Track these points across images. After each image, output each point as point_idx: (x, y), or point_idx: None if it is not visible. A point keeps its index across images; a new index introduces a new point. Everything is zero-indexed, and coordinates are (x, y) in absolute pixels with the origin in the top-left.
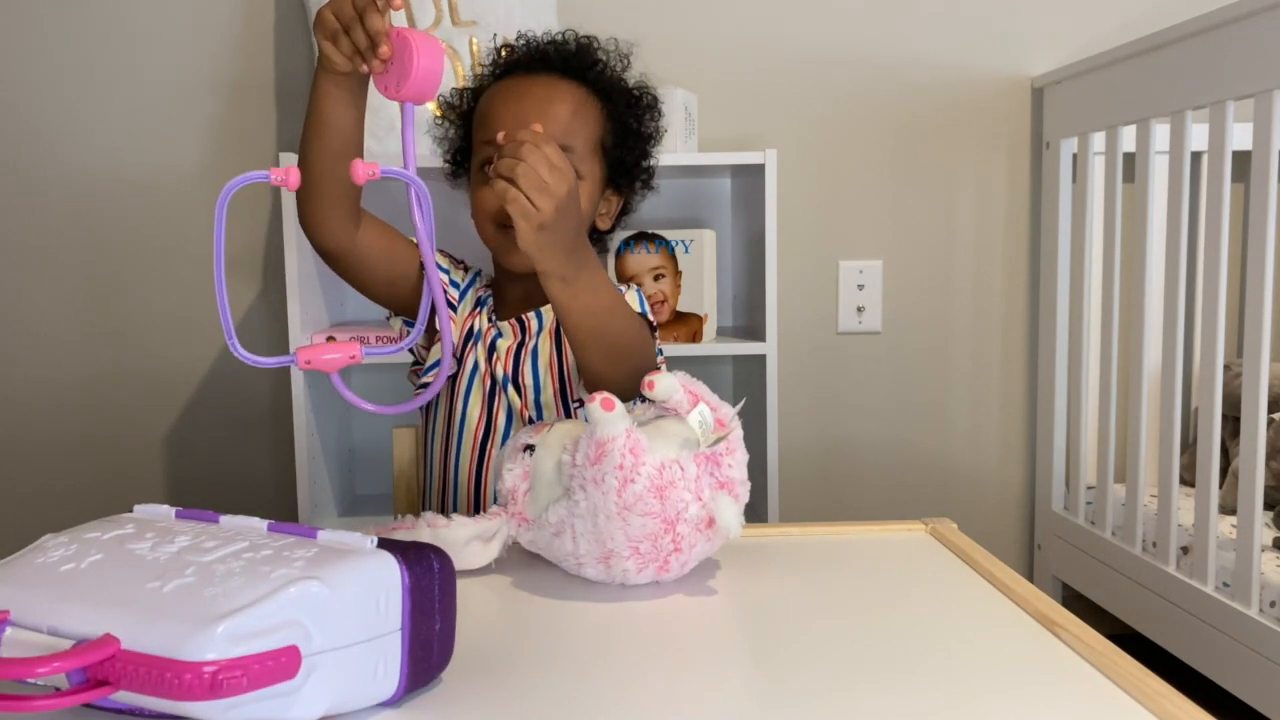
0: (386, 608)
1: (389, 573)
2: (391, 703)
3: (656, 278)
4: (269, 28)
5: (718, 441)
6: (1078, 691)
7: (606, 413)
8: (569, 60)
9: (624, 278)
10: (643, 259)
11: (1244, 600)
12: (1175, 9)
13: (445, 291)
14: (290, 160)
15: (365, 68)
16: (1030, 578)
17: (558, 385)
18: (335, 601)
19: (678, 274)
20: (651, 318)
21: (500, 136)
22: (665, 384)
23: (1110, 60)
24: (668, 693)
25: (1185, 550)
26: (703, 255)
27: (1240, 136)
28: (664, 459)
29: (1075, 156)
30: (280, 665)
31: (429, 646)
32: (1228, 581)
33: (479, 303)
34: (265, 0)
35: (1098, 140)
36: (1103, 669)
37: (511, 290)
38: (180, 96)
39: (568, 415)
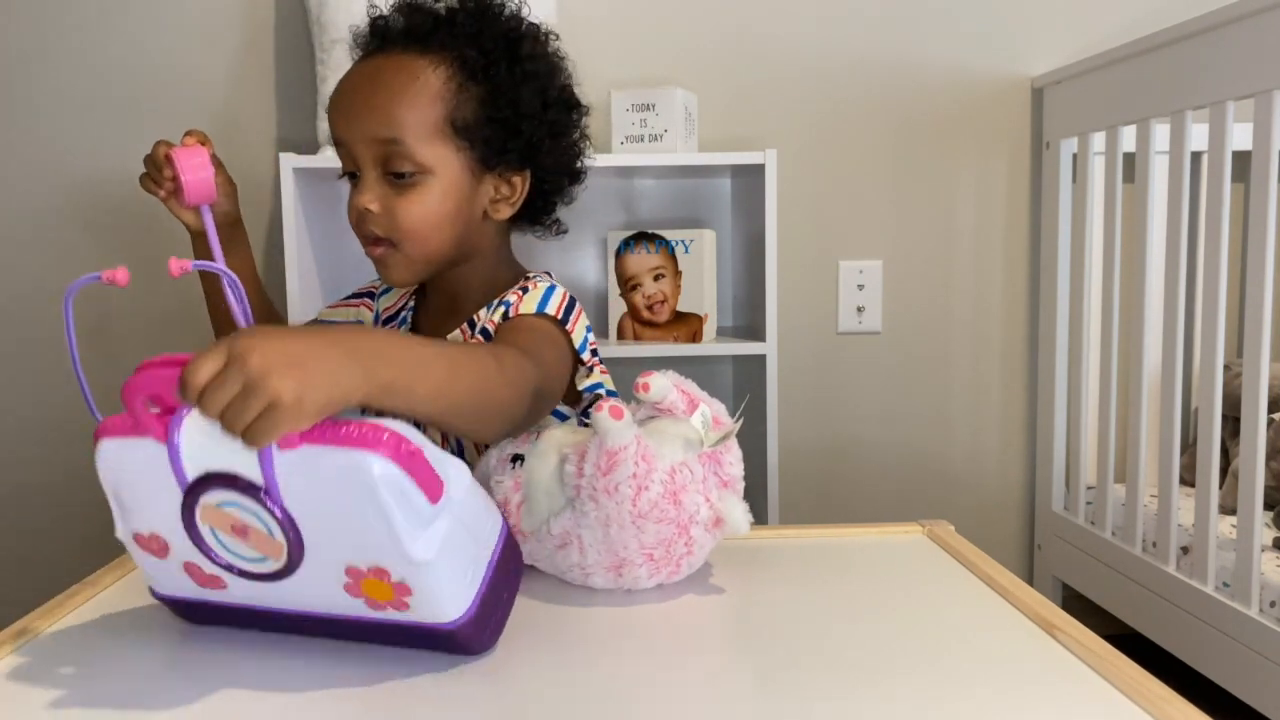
0: (489, 536)
1: (496, 516)
2: (456, 626)
3: (656, 278)
4: (269, 28)
5: (723, 439)
6: (1077, 695)
7: (616, 421)
8: (409, 29)
9: (624, 278)
10: (643, 259)
11: (1244, 600)
12: (1175, 9)
13: None
14: (288, 160)
15: (163, 193)
16: (1030, 578)
17: None
18: (469, 494)
19: (678, 274)
20: (553, 311)
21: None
22: (660, 385)
23: (1110, 60)
24: (666, 693)
25: (1185, 550)
26: (703, 255)
27: (1240, 136)
28: (673, 463)
29: (1075, 156)
30: (433, 480)
31: (499, 596)
32: (1228, 581)
33: (398, 321)
34: (265, 0)
35: (1098, 140)
36: (1103, 672)
37: (434, 299)
38: (180, 97)
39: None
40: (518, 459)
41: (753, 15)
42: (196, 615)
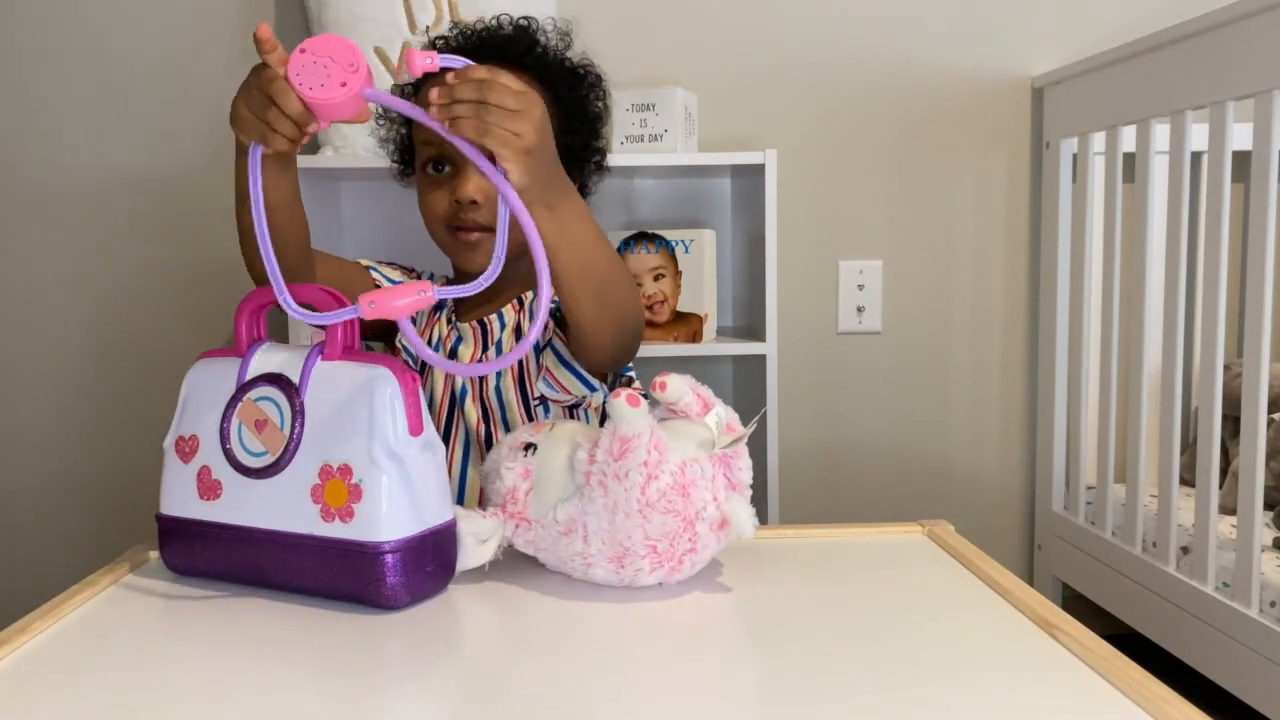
0: (438, 514)
1: (450, 511)
2: (387, 549)
3: (656, 278)
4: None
5: (735, 443)
6: (1077, 695)
7: (632, 409)
8: (503, 48)
9: None
10: (643, 259)
11: (1244, 600)
12: (1175, 9)
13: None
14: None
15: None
16: (1030, 578)
17: (517, 384)
18: (438, 471)
19: (678, 274)
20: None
21: (450, 77)
22: (677, 386)
23: (1110, 60)
24: (665, 691)
25: (1185, 550)
26: (703, 255)
27: (1240, 136)
28: (685, 457)
29: (1075, 156)
30: (418, 420)
31: (426, 557)
32: (1228, 581)
33: (439, 306)
34: (265, 0)
35: (1098, 140)
36: (1103, 672)
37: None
38: (179, 96)
39: (528, 415)
40: (530, 447)
41: (753, 15)
42: (182, 555)
